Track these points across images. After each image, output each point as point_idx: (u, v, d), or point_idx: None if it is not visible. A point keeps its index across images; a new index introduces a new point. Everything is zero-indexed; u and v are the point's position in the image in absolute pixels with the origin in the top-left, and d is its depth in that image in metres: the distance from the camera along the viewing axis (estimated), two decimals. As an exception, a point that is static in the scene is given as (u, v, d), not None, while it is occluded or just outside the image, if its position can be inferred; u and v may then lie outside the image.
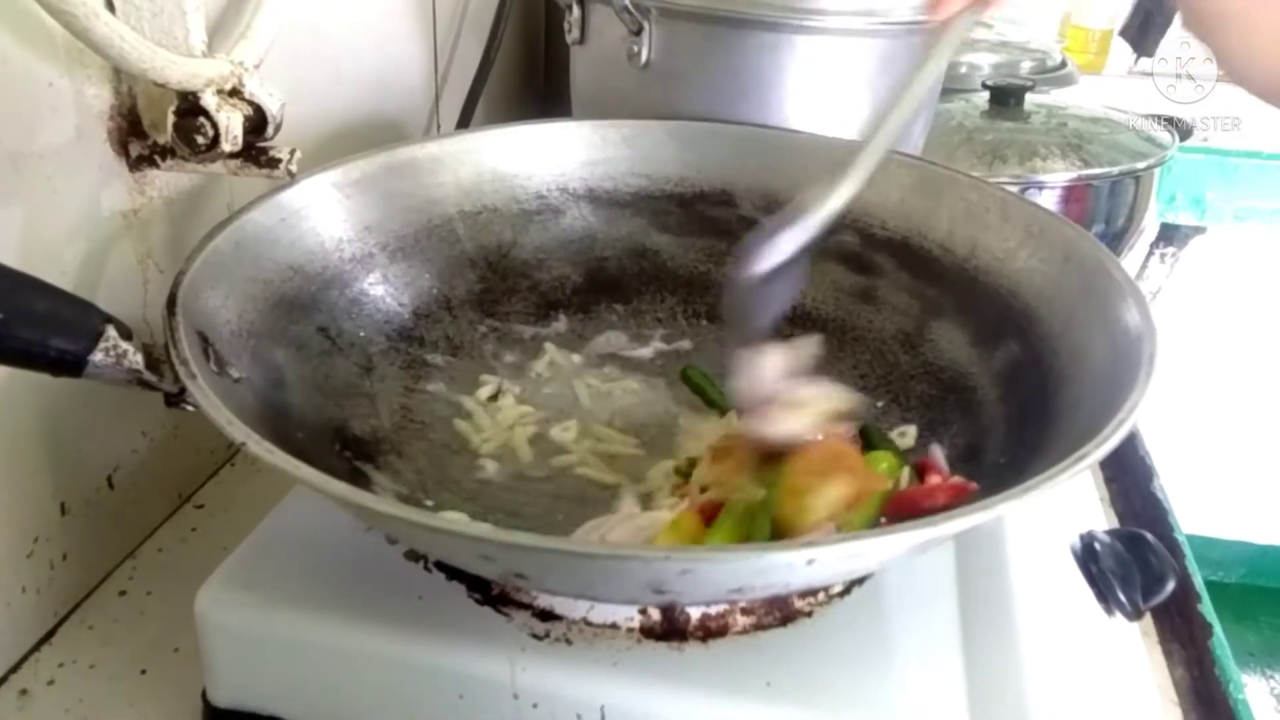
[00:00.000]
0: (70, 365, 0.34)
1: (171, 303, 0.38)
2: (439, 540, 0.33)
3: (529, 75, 1.03)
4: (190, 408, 0.36)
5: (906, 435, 0.48)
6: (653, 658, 0.38)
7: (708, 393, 0.52)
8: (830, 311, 0.55)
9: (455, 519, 0.40)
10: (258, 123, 0.49)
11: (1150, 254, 1.38)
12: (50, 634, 0.48)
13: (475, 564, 0.33)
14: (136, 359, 0.36)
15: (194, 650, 0.41)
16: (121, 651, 0.47)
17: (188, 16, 0.47)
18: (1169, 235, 1.37)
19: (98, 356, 0.35)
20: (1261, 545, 1.67)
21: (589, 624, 0.39)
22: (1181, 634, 0.52)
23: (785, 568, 0.29)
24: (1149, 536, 0.45)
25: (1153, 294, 1.39)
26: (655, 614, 0.39)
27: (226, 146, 0.47)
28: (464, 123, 0.83)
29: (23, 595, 0.46)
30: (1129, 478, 0.63)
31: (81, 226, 0.47)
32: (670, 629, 0.39)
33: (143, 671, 0.46)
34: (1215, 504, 1.55)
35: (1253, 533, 1.65)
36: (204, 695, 0.42)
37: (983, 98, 0.93)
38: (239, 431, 0.31)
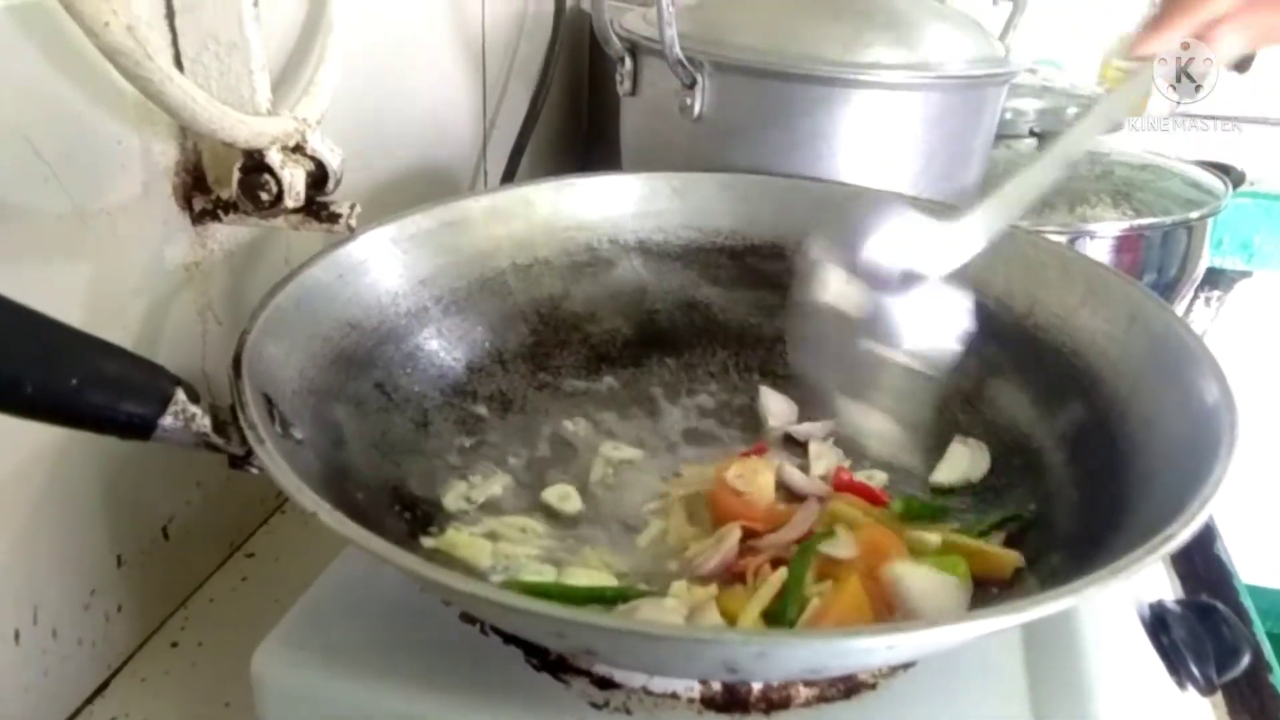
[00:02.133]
0: (139, 429, 0.34)
1: (237, 363, 0.38)
2: (508, 617, 0.33)
3: (573, 125, 1.04)
4: (255, 470, 0.36)
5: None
6: (714, 729, 0.37)
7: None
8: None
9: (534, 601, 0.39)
10: (319, 178, 0.50)
11: (1195, 297, 1.36)
12: (104, 686, 0.48)
13: (546, 639, 0.33)
14: (204, 422, 0.36)
15: (245, 704, 0.41)
16: (173, 705, 0.47)
17: (254, 76, 0.47)
18: (1214, 279, 1.35)
19: (167, 420, 0.35)
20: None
21: (649, 693, 0.38)
22: (1252, 705, 0.50)
23: (863, 652, 0.28)
24: (1220, 608, 0.44)
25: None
26: (717, 685, 0.38)
27: (290, 203, 0.47)
28: (510, 172, 0.84)
29: (79, 648, 0.46)
30: (1192, 540, 0.61)
31: (145, 280, 0.48)
32: (732, 700, 0.38)
33: (195, 726, 0.46)
34: (1273, 553, 1.51)
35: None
36: (258, 754, 0.42)
37: (1029, 144, 0.92)
38: (308, 500, 0.31)
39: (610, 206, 0.60)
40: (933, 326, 0.46)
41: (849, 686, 0.39)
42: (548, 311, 0.58)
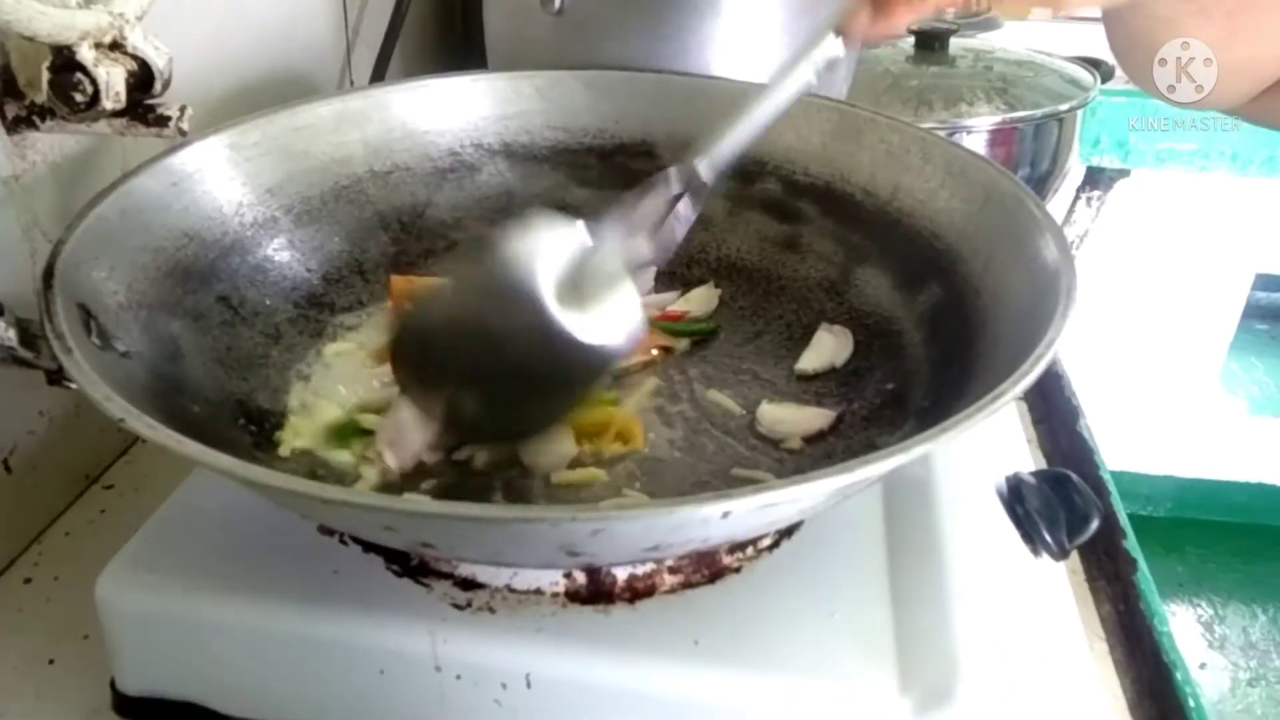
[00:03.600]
0: (-67, 344, 0.32)
1: (49, 274, 0.36)
2: (334, 511, 0.31)
3: (446, 27, 1.00)
4: (72, 385, 0.33)
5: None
6: (579, 622, 0.37)
7: None
8: (755, 261, 0.54)
9: (351, 489, 0.38)
10: (144, 79, 0.46)
11: (1076, 198, 1.40)
12: (-51, 627, 0.45)
13: (380, 535, 0.32)
14: (9, 335, 0.33)
15: (103, 637, 0.39)
16: (27, 641, 0.45)
17: (58, -35, 0.43)
18: (1094, 179, 1.38)
19: (-36, 333, 0.32)
20: (1187, 479, 1.73)
21: (512, 591, 0.38)
22: (1107, 570, 0.52)
23: (700, 522, 0.28)
24: (1073, 476, 0.45)
25: (1080, 238, 1.41)
26: (581, 578, 0.38)
27: (108, 104, 0.44)
28: (378, 78, 0.80)
29: (-85, 588, 0.43)
30: (1056, 419, 0.63)
31: (-46, 195, 0.44)
32: (596, 592, 0.38)
33: (50, 661, 0.44)
34: (1141, 441, 1.59)
35: (1178, 467, 1.71)
36: (113, 684, 0.40)
37: (908, 43, 0.92)
38: (117, 407, 0.29)
39: (471, 109, 0.58)
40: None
41: (713, 572, 0.39)
42: (410, 220, 0.56)
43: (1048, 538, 0.43)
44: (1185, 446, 1.68)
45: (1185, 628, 1.59)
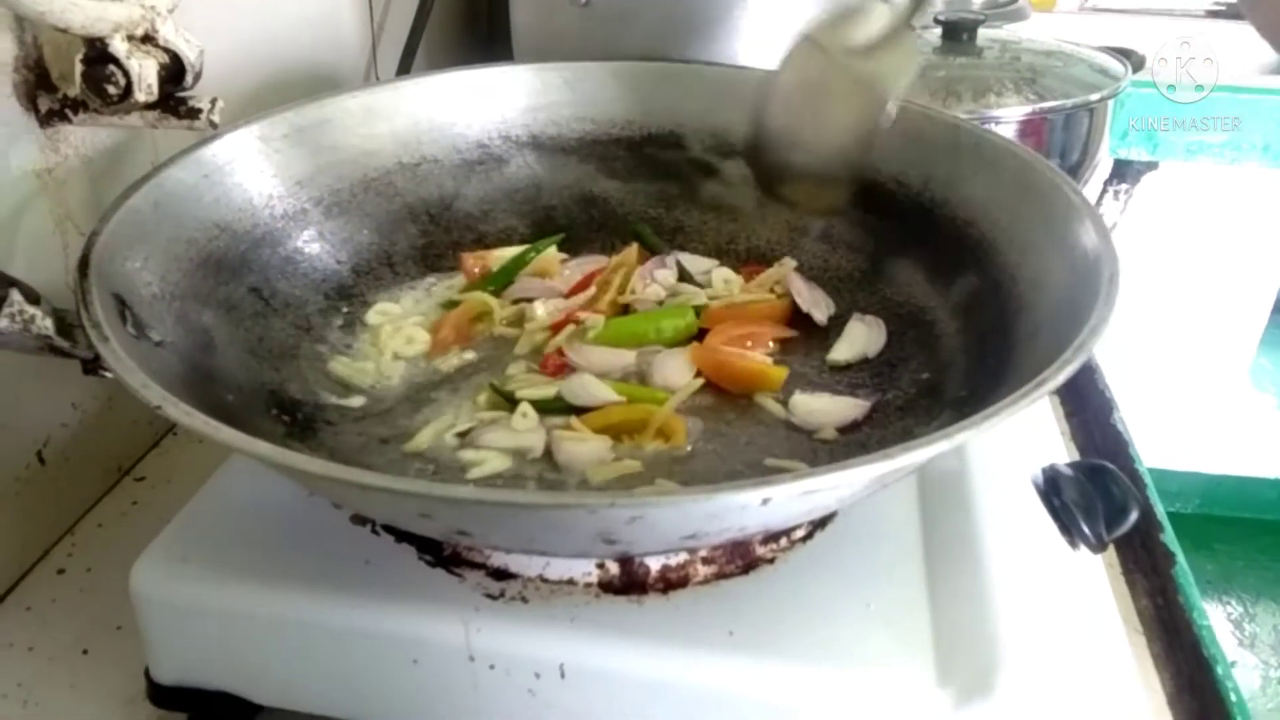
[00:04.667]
0: (-29, 332, 0.32)
1: (84, 264, 0.36)
2: (370, 498, 0.31)
3: (471, 20, 1.00)
4: (108, 374, 0.33)
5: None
6: (612, 612, 0.37)
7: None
8: (785, 252, 0.54)
9: (387, 475, 0.38)
10: (175, 71, 0.46)
11: (1104, 191, 1.38)
12: (-15, 617, 0.46)
13: (416, 523, 0.32)
14: (46, 324, 0.33)
15: (137, 627, 0.39)
16: (61, 632, 0.45)
17: (90, -42, 0.43)
18: (1122, 171, 1.37)
19: (2, 323, 0.32)
20: (1216, 475, 1.71)
21: (545, 581, 0.38)
22: (1144, 564, 0.52)
23: (739, 509, 0.28)
24: (1111, 468, 0.45)
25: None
26: (614, 568, 0.38)
27: (140, 96, 0.44)
28: (404, 71, 0.80)
29: (-49, 579, 0.44)
30: (1089, 411, 0.62)
31: (-11, 188, 0.44)
32: (629, 582, 0.38)
33: (84, 651, 0.45)
34: (1170, 436, 1.57)
35: (1207, 464, 1.68)
36: (147, 673, 0.40)
37: (935, 34, 0.91)
38: (155, 394, 0.29)
39: (500, 101, 0.58)
40: None
41: (747, 563, 0.39)
42: (438, 212, 0.56)
43: (1085, 529, 0.43)
44: (1214, 442, 1.65)
45: (1215, 626, 1.56)
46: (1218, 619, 1.58)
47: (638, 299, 0.51)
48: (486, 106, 0.58)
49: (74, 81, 0.44)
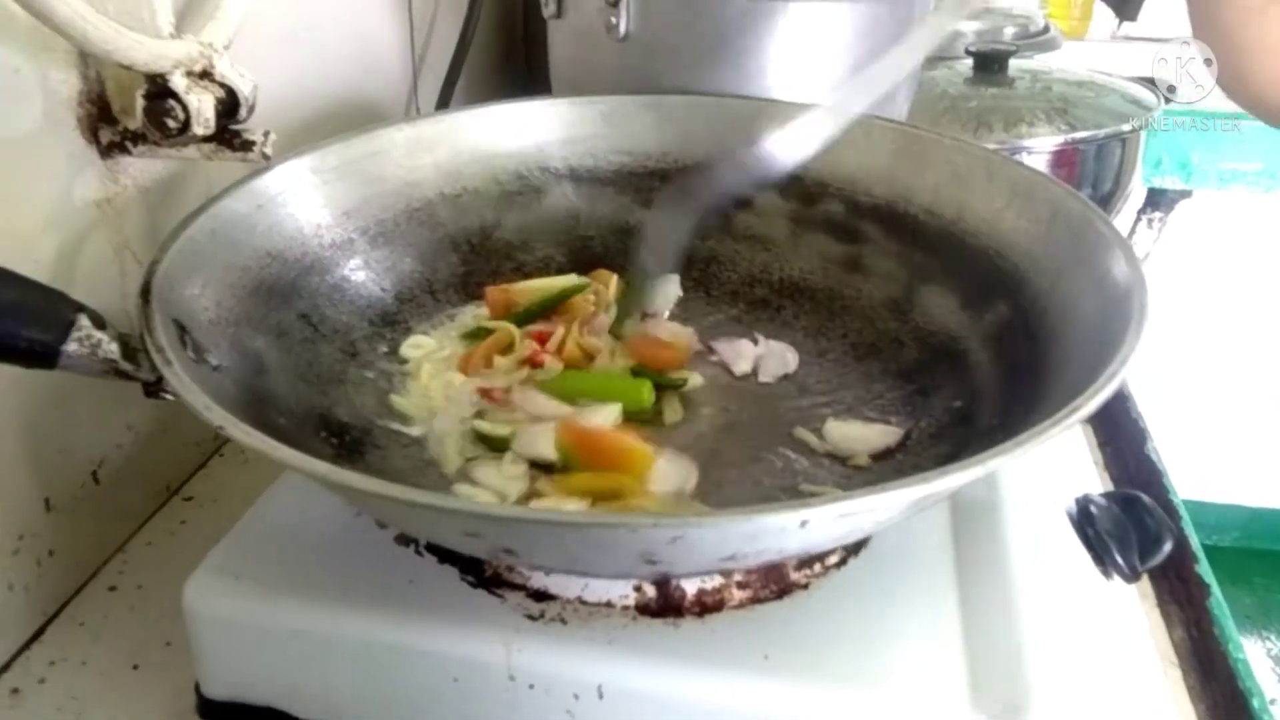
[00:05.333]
0: (43, 356, 0.34)
1: (146, 291, 0.37)
2: (419, 516, 0.32)
3: (509, 53, 1.02)
4: (169, 396, 0.35)
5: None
6: (649, 634, 0.38)
7: None
8: (818, 281, 0.55)
9: (435, 494, 0.39)
10: (230, 105, 0.48)
11: (1138, 220, 1.38)
12: (40, 632, 0.47)
13: (463, 542, 0.33)
14: (112, 348, 0.35)
15: (186, 643, 0.41)
16: (113, 647, 0.47)
17: (153, -1, 0.46)
18: (1155, 200, 1.37)
19: (71, 347, 0.34)
20: (1254, 508, 1.68)
21: (584, 603, 0.39)
22: (1179, 595, 0.52)
23: (778, 531, 0.28)
24: (1144, 498, 0.45)
25: (1142, 259, 1.38)
26: (650, 591, 0.39)
27: (198, 129, 0.46)
28: (443, 104, 0.82)
29: (10, 593, 0.45)
30: (1123, 441, 0.62)
31: (53, 217, 0.46)
32: (666, 605, 0.38)
33: (135, 667, 0.46)
34: (1208, 468, 1.55)
35: (1245, 496, 1.66)
36: (197, 688, 0.41)
37: (966, 65, 0.92)
38: (217, 416, 0.30)
39: (538, 133, 0.59)
40: None
41: (782, 588, 0.40)
42: (479, 241, 0.57)
43: (1119, 559, 0.43)
44: (1252, 474, 1.63)
45: (1253, 661, 1.53)
46: (1256, 654, 1.55)
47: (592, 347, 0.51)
48: (525, 139, 0.59)
49: (135, 115, 0.46)
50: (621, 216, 0.60)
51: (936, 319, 0.49)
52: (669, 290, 0.56)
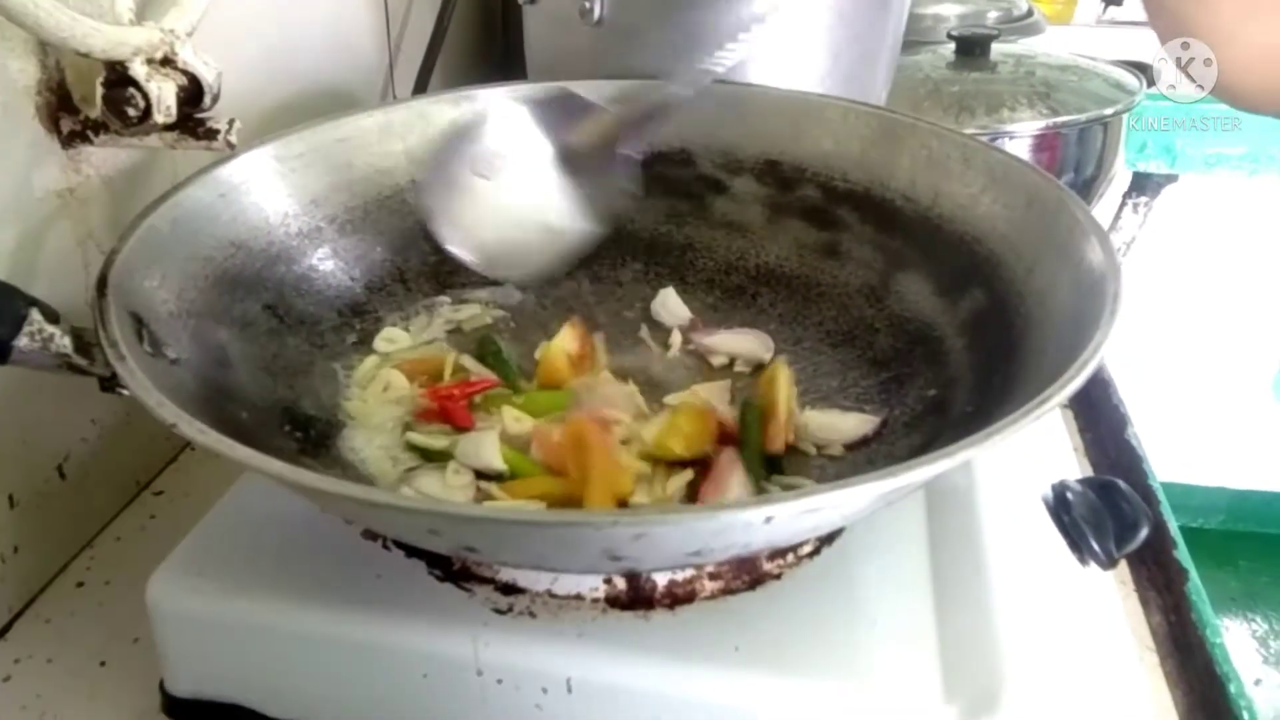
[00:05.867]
0: (-7, 350, 0.33)
1: (102, 283, 0.36)
2: (378, 515, 0.32)
3: (487, 39, 1.01)
4: (125, 392, 0.34)
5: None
6: (619, 627, 0.37)
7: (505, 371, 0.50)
8: (794, 268, 0.54)
9: (395, 493, 0.39)
10: (193, 93, 0.47)
11: (1123, 204, 1.38)
12: (5, 629, 0.47)
13: (424, 539, 0.32)
14: (65, 343, 0.34)
15: (153, 640, 0.40)
16: (79, 644, 0.46)
17: (112, -16, 0.45)
18: (1141, 184, 1.36)
19: (23, 341, 0.33)
20: (1239, 490, 1.68)
21: (553, 596, 0.38)
22: (1158, 581, 0.51)
23: (743, 527, 0.28)
24: (1121, 484, 0.44)
25: (1127, 244, 1.38)
26: (621, 583, 0.38)
27: (159, 118, 0.45)
28: (420, 89, 0.81)
29: (-28, 591, 0.45)
30: (1103, 426, 0.62)
31: (13, 207, 0.45)
32: (636, 597, 0.38)
33: (102, 664, 0.45)
34: (1193, 451, 1.56)
35: (1230, 478, 1.66)
36: (162, 686, 0.41)
37: (949, 49, 0.91)
38: (169, 413, 0.30)
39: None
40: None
41: (754, 578, 0.39)
42: (451, 229, 0.56)
43: (1095, 546, 0.42)
44: (1237, 457, 1.63)
45: (1239, 643, 1.54)
46: (1242, 636, 1.56)
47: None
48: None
49: (95, 104, 0.45)
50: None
51: (912, 306, 0.49)
52: (670, 304, 0.55)
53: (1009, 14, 1.18)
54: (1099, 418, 0.63)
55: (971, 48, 0.90)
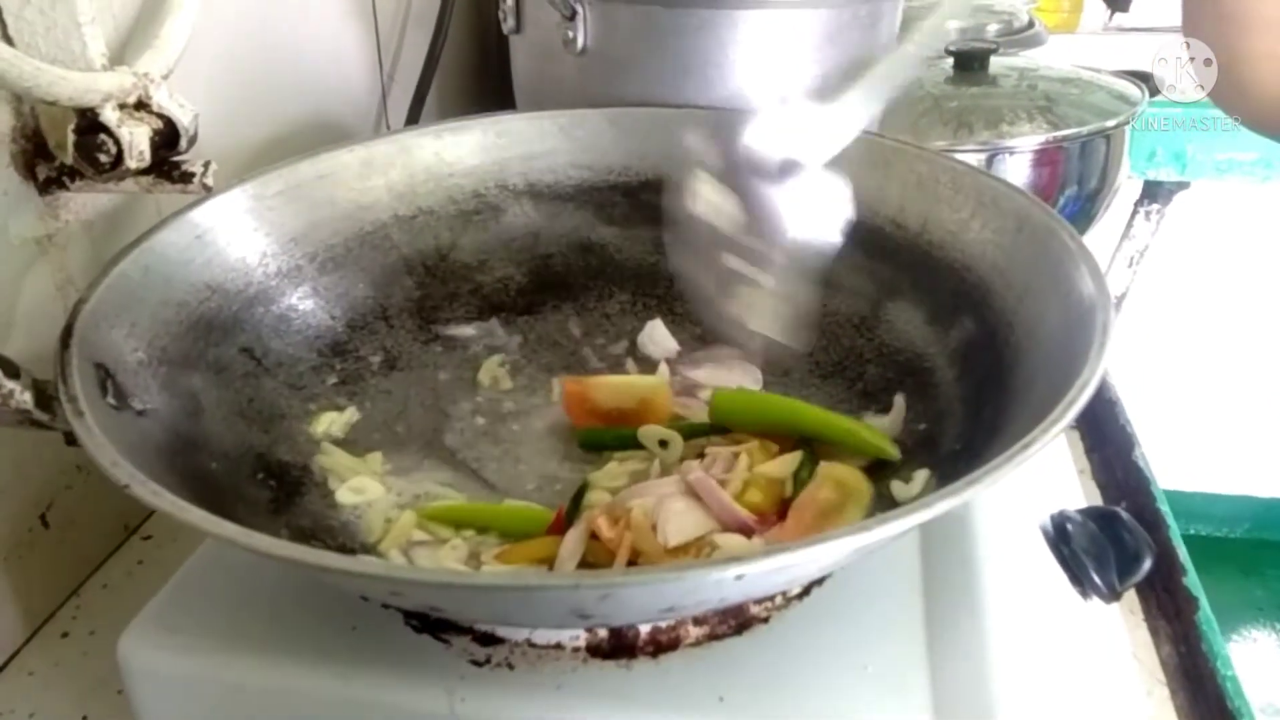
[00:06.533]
0: (-50, 409, 0.32)
1: (66, 335, 0.36)
2: (337, 580, 0.31)
3: (481, 69, 1.00)
4: (89, 446, 0.34)
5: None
6: (599, 678, 0.36)
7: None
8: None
9: (353, 558, 0.37)
10: (169, 136, 0.47)
11: (1135, 212, 1.36)
12: (-12, 683, 0.46)
13: (390, 599, 0.31)
14: (25, 398, 0.33)
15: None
16: (63, 696, 0.45)
17: (83, 29, 0.44)
18: (1152, 192, 1.34)
19: (-20, 398, 0.33)
20: (1265, 499, 1.66)
21: (532, 645, 0.37)
22: (1168, 609, 0.50)
23: (713, 584, 0.27)
24: (1122, 514, 0.43)
25: (1140, 252, 1.36)
26: (602, 631, 0.37)
27: (132, 163, 0.44)
28: (413, 120, 0.81)
29: (-47, 646, 0.44)
30: (1110, 448, 0.61)
31: (-12, 257, 0.45)
32: (618, 645, 0.37)
33: (84, 718, 0.44)
34: (1218, 460, 1.53)
35: (1255, 487, 1.64)
36: (137, 742, 0.40)
37: (948, 64, 0.90)
38: (123, 473, 0.29)
39: (495, 150, 0.58)
40: (814, 217, 0.45)
41: (740, 622, 0.38)
42: (435, 263, 0.55)
43: (1096, 579, 0.41)
44: (1261, 465, 1.61)
45: (1265, 653, 1.52)
46: (1269, 647, 1.53)
47: None
48: (483, 156, 0.58)
49: (69, 150, 0.45)
50: (582, 233, 0.58)
51: (903, 335, 0.48)
52: (657, 336, 0.54)
53: (1009, 26, 1.16)
54: (1106, 440, 0.62)
55: (970, 62, 0.88)
